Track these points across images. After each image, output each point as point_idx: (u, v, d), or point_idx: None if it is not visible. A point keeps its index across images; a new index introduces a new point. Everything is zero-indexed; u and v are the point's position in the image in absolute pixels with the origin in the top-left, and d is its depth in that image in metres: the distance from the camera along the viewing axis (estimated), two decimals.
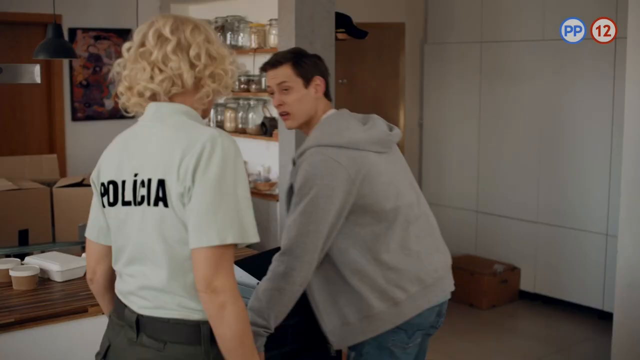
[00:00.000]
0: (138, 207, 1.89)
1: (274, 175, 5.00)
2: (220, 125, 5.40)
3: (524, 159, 5.84)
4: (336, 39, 4.75)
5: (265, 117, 4.98)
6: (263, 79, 4.98)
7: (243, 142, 5.26)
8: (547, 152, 5.68)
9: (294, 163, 2.46)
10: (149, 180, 1.87)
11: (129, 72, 1.94)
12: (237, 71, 2.02)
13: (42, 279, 3.05)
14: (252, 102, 5.14)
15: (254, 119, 5.10)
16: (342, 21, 4.85)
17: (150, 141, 1.92)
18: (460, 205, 6.25)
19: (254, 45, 4.97)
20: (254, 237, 1.84)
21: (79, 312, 2.72)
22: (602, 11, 4.83)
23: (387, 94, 6.62)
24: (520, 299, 5.90)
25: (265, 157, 5.11)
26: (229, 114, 5.28)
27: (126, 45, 1.97)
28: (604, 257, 5.31)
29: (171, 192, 1.83)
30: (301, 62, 2.51)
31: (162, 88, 1.91)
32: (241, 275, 2.55)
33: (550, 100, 5.63)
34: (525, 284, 5.88)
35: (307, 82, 2.50)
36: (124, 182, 1.93)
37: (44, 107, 6.18)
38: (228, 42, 5.21)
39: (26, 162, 4.78)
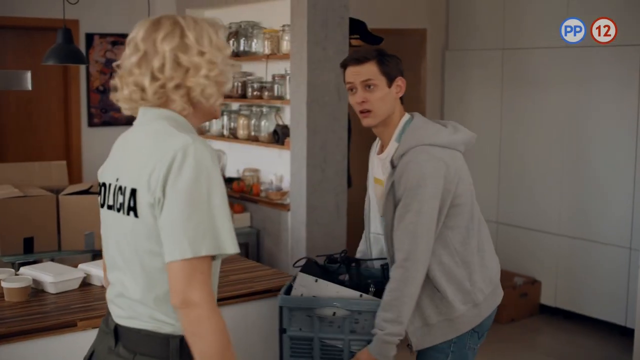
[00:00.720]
0: (117, 214, 1.86)
1: (286, 184, 4.91)
2: (233, 132, 5.32)
3: (545, 168, 5.68)
4: (350, 45, 4.65)
5: (277, 125, 4.88)
6: (276, 86, 4.90)
7: (255, 151, 5.18)
8: (569, 162, 5.51)
9: (393, 164, 2.44)
10: (124, 188, 1.83)
11: (114, 84, 1.91)
12: (220, 79, 1.88)
13: (36, 290, 2.98)
14: (264, 110, 5.05)
15: (267, 126, 5.01)
16: (357, 27, 4.76)
17: (131, 147, 1.88)
18: None
19: (267, 51, 4.89)
20: (231, 248, 1.76)
21: (68, 326, 2.65)
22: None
23: (408, 101, 6.42)
24: (541, 313, 5.74)
25: (278, 166, 5.02)
26: (241, 121, 5.20)
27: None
28: (627, 271, 5.13)
29: (142, 203, 1.77)
30: (386, 60, 2.50)
31: (132, 101, 1.86)
32: (338, 290, 2.54)
33: (573, 108, 5.47)
34: (546, 298, 5.71)
35: (390, 81, 2.51)
36: (110, 186, 1.90)
37: (61, 112, 6.16)
38: (242, 47, 5.12)
39: (35, 169, 4.73)
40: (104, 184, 1.94)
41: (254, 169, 5.21)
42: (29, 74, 3.48)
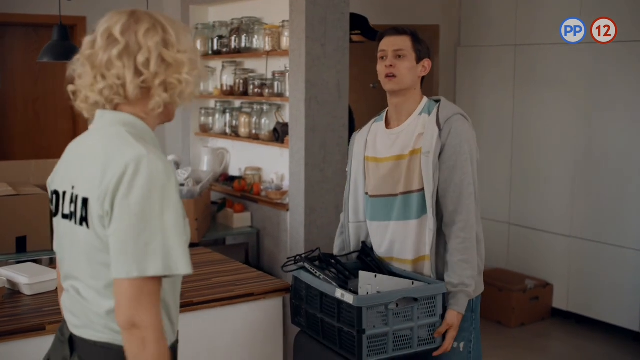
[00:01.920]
0: (70, 223, 1.78)
1: (287, 184, 4.81)
2: (235, 130, 5.23)
3: (558, 168, 5.51)
4: (351, 41, 4.54)
5: (277, 123, 4.78)
6: (276, 83, 4.80)
7: (257, 149, 5.09)
8: (583, 162, 5.34)
9: (439, 125, 2.59)
10: (77, 197, 1.74)
11: (78, 73, 1.79)
12: (197, 80, 1.82)
13: (13, 292, 2.93)
14: (265, 107, 4.95)
15: (267, 124, 4.91)
16: (358, 22, 4.65)
17: (85, 153, 1.79)
18: (492, 217, 5.94)
19: (268, 47, 4.79)
20: (184, 269, 1.66)
21: (37, 329, 2.58)
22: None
23: None
24: (552, 318, 5.57)
25: (280, 164, 4.92)
26: (243, 119, 5.10)
27: (87, 38, 1.79)
28: None
29: (92, 214, 1.69)
30: (419, 39, 2.71)
31: (104, 97, 1.74)
32: (397, 282, 2.64)
33: (587, 106, 5.30)
34: (558, 302, 5.54)
35: (419, 58, 2.69)
36: (64, 194, 1.82)
37: (67, 111, 6.12)
38: (243, 44, 5.03)
39: (32, 167, 4.69)
40: (56, 192, 1.85)
41: (256, 167, 5.12)
42: None
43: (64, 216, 1.80)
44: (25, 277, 2.90)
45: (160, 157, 1.69)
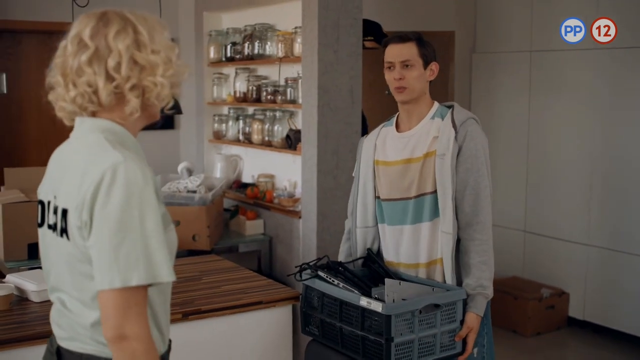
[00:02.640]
0: (53, 234, 1.74)
1: (299, 191, 4.79)
2: (248, 137, 5.22)
3: (575, 175, 5.44)
4: (364, 47, 4.51)
5: (290, 130, 4.76)
6: (289, 90, 4.78)
7: (270, 156, 5.07)
8: (600, 169, 5.27)
9: (455, 128, 2.61)
10: (57, 208, 1.70)
11: (53, 82, 1.75)
12: (174, 79, 1.75)
13: (21, 299, 2.92)
14: (277, 114, 4.93)
15: (280, 131, 4.89)
16: (371, 29, 4.62)
17: (66, 162, 1.75)
18: (507, 225, 5.88)
19: (280, 54, 4.78)
20: (167, 276, 1.62)
21: (46, 336, 2.55)
22: None
23: None
24: (568, 327, 5.49)
25: (292, 171, 4.90)
26: (256, 126, 5.09)
27: (60, 44, 1.74)
28: None
29: (71, 225, 1.64)
30: (424, 44, 2.70)
31: (77, 105, 1.69)
32: (419, 289, 2.62)
33: (605, 113, 5.23)
34: (574, 311, 5.47)
35: (426, 64, 2.69)
36: (48, 203, 1.77)
37: None
38: (256, 50, 5.02)
39: (41, 174, 4.67)
40: (42, 202, 1.81)
41: (269, 174, 5.11)
42: (3, 77, 3.41)
43: (49, 227, 1.76)
44: (34, 284, 2.89)
45: (137, 163, 1.64)
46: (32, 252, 4.05)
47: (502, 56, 6.00)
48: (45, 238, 1.80)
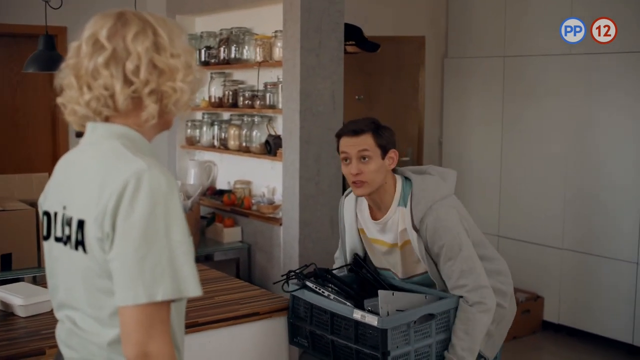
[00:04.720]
0: (65, 247, 1.63)
1: (278, 197, 4.71)
2: (224, 143, 5.12)
3: (549, 180, 5.48)
4: (345, 51, 4.46)
5: (269, 135, 4.68)
6: (268, 95, 4.70)
7: (247, 162, 4.98)
8: (573, 173, 5.31)
9: (416, 229, 2.52)
10: (71, 219, 1.59)
11: (64, 84, 1.65)
12: (194, 86, 1.68)
13: (5, 314, 2.79)
14: (256, 119, 4.84)
15: (258, 137, 4.81)
16: (353, 33, 4.57)
17: (79, 171, 1.64)
18: (481, 229, 5.84)
19: (259, 58, 4.69)
20: (194, 291, 1.53)
21: (36, 354, 2.45)
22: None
23: (406, 110, 6.32)
24: (544, 330, 5.53)
25: (271, 178, 4.82)
26: (232, 132, 4.99)
27: (72, 44, 1.65)
28: (634, 287, 4.93)
29: (89, 237, 1.54)
30: (381, 132, 2.57)
31: (91, 109, 1.60)
32: (411, 298, 2.58)
33: (578, 117, 5.28)
34: (549, 315, 5.50)
35: (384, 153, 2.57)
36: (55, 215, 1.66)
37: (48, 122, 5.95)
38: (233, 55, 4.93)
39: (16, 181, 4.53)
40: (47, 213, 1.70)
41: (246, 181, 5.01)
42: None
43: (57, 239, 1.66)
44: (20, 298, 2.76)
45: (161, 170, 1.55)
46: (5, 264, 3.90)
47: (475, 61, 6.01)
48: (53, 252, 1.69)
